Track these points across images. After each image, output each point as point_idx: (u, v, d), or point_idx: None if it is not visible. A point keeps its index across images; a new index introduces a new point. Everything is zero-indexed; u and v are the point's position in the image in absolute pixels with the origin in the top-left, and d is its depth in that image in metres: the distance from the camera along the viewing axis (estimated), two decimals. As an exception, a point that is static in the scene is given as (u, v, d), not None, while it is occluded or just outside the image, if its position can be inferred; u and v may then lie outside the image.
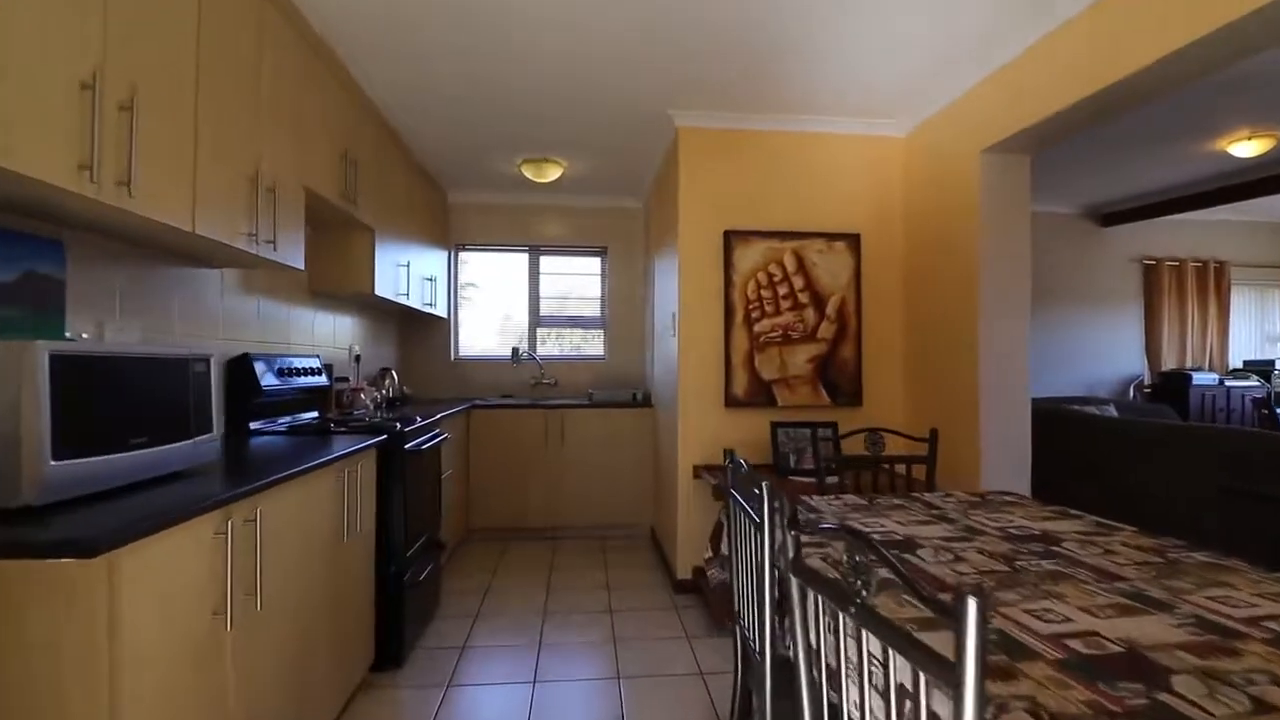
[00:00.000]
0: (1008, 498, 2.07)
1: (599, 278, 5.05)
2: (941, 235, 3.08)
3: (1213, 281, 6.11)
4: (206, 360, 1.65)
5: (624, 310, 4.99)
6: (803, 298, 3.36)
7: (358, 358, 3.76)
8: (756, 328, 3.33)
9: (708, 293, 3.34)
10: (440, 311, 4.48)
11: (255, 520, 1.50)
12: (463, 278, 4.95)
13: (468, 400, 4.51)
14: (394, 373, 4.06)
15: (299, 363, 2.82)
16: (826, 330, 3.37)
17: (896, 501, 2.02)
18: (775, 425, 3.17)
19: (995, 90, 2.71)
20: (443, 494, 3.31)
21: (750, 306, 3.33)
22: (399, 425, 2.58)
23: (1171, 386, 5.77)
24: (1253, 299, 6.40)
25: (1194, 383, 5.74)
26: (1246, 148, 4.21)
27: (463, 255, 4.94)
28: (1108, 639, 1.01)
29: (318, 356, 3.03)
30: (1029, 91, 2.51)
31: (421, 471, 2.80)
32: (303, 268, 2.31)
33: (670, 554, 3.54)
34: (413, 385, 4.72)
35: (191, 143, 1.66)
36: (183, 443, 1.53)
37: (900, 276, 3.46)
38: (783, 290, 3.35)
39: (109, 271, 1.83)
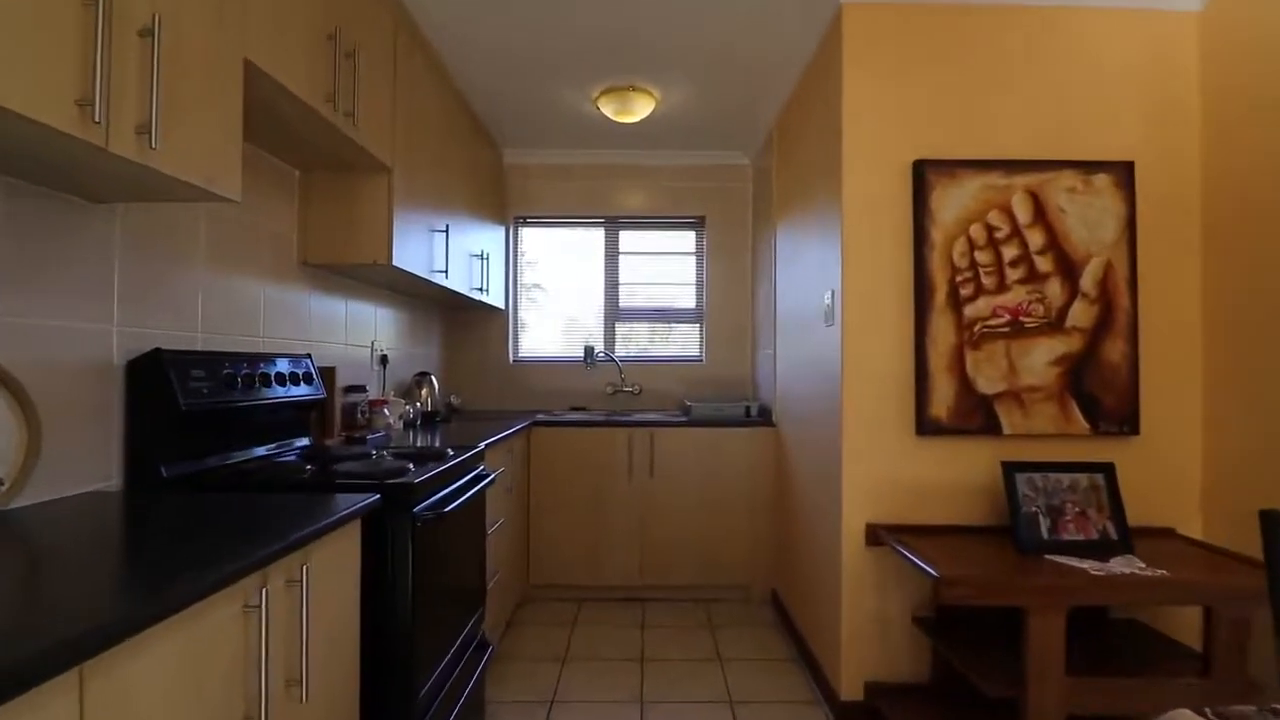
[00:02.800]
0: None
1: (694, 257, 3.93)
2: (1316, 149, 1.80)
3: None
4: None
5: (726, 298, 3.85)
6: (1042, 264, 2.13)
7: (383, 359, 2.78)
8: (968, 311, 2.13)
9: (888, 259, 2.16)
10: (495, 300, 3.48)
11: None
12: (525, 259, 3.94)
13: (529, 414, 3.49)
14: (434, 379, 3.07)
15: (278, 366, 1.84)
16: (1082, 314, 2.13)
17: None
18: (1010, 467, 1.97)
19: None
20: (488, 556, 2.27)
21: (958, 279, 2.13)
22: (410, 474, 1.55)
23: None
24: None
25: None
26: None
27: (523, 231, 3.92)
28: None
29: (308, 358, 2.04)
30: None
31: (449, 542, 1.76)
32: (232, 196, 1.30)
33: (822, 652, 2.37)
34: (462, 393, 3.74)
35: None
36: None
37: (1200, 229, 2.18)
38: (1010, 253, 2.13)
39: None
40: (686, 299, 3.92)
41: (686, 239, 3.93)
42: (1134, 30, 2.18)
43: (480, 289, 3.15)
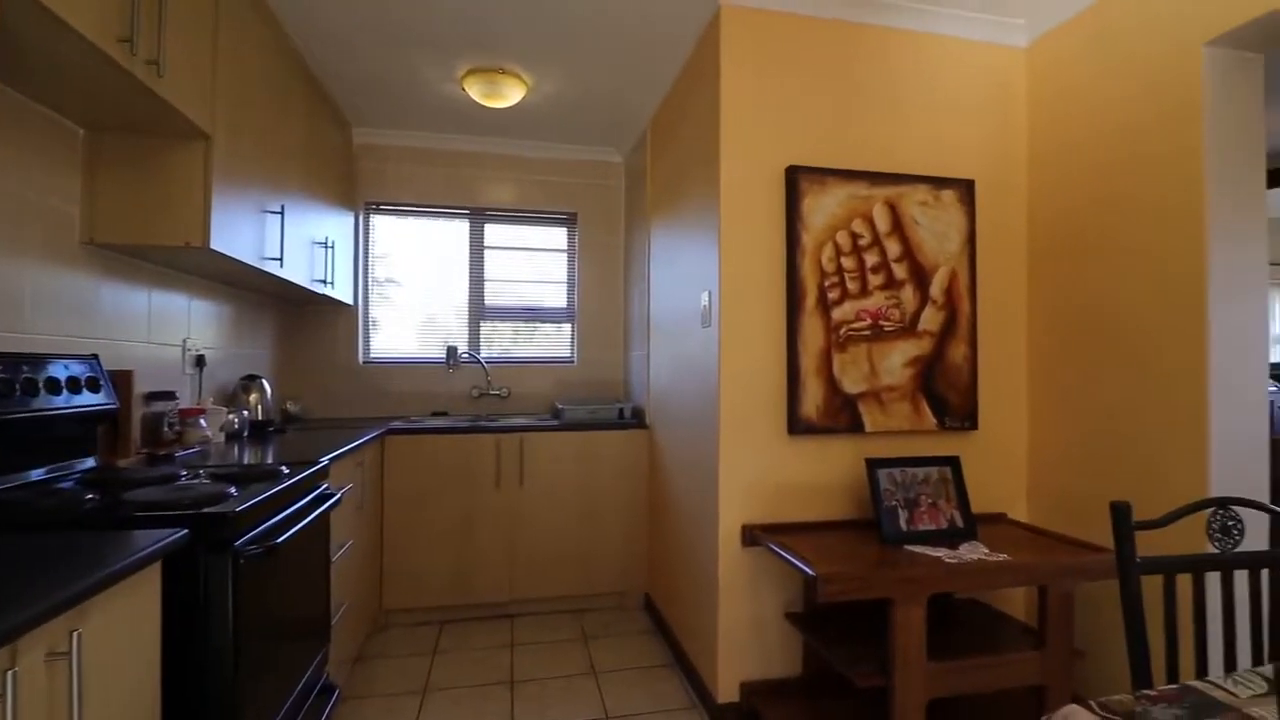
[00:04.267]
0: None
1: (566, 254, 3.80)
2: (1116, 176, 2.06)
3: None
4: None
5: (599, 297, 3.77)
6: (899, 271, 2.26)
7: (199, 360, 2.37)
8: (836, 314, 2.20)
9: (762, 262, 2.18)
10: (343, 294, 3.12)
11: None
12: (377, 250, 3.58)
13: (383, 421, 3.17)
14: (265, 383, 2.67)
15: (51, 369, 1.47)
16: (932, 319, 2.29)
17: None
18: (873, 464, 2.06)
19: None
20: (333, 587, 2.00)
21: (827, 283, 2.20)
22: (230, 501, 1.28)
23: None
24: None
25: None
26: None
27: (377, 219, 3.57)
28: None
29: (94, 359, 1.66)
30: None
31: (284, 577, 1.50)
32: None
33: (697, 656, 2.35)
34: (303, 399, 3.32)
35: None
36: None
37: (1025, 242, 2.43)
38: (872, 259, 2.24)
39: None
40: (557, 298, 3.78)
41: (557, 235, 3.79)
42: (977, 60, 2.39)
43: (324, 281, 2.80)
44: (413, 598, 2.90)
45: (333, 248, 2.91)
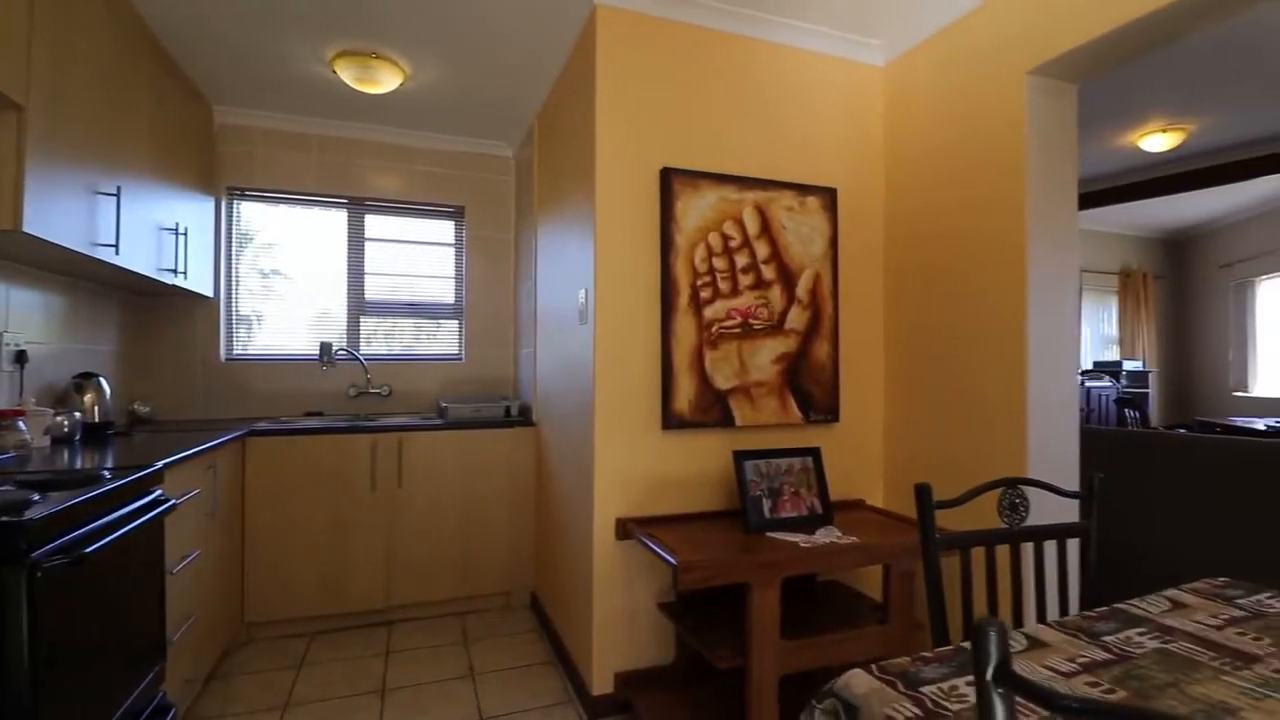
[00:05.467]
0: (1245, 598, 1.20)
1: (454, 248, 3.71)
2: (955, 191, 2.26)
3: (1072, 285, 6.24)
4: None
5: (488, 293, 3.70)
6: (768, 272, 2.38)
7: (19, 356, 2.12)
8: (708, 313, 2.29)
9: (637, 261, 2.23)
10: (200, 286, 2.88)
11: None
12: (244, 239, 3.34)
13: (247, 421, 2.96)
14: (104, 381, 2.44)
15: None
16: (798, 318, 2.42)
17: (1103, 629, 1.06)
18: (740, 456, 2.15)
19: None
20: (173, 599, 1.85)
21: (699, 283, 2.28)
22: (30, 509, 1.16)
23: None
24: (1093, 303, 6.69)
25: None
26: (1158, 141, 4.02)
27: (242, 206, 3.33)
28: None
29: None
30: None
31: (99, 590, 1.37)
32: None
33: (576, 650, 2.37)
34: (154, 400, 3.05)
35: None
36: None
37: (881, 247, 2.62)
38: (742, 261, 2.34)
39: None
40: (444, 294, 3.68)
41: (445, 229, 3.69)
42: (841, 76, 2.54)
43: (174, 271, 2.58)
44: (280, 609, 2.73)
45: (185, 235, 2.68)
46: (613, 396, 2.18)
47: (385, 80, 2.69)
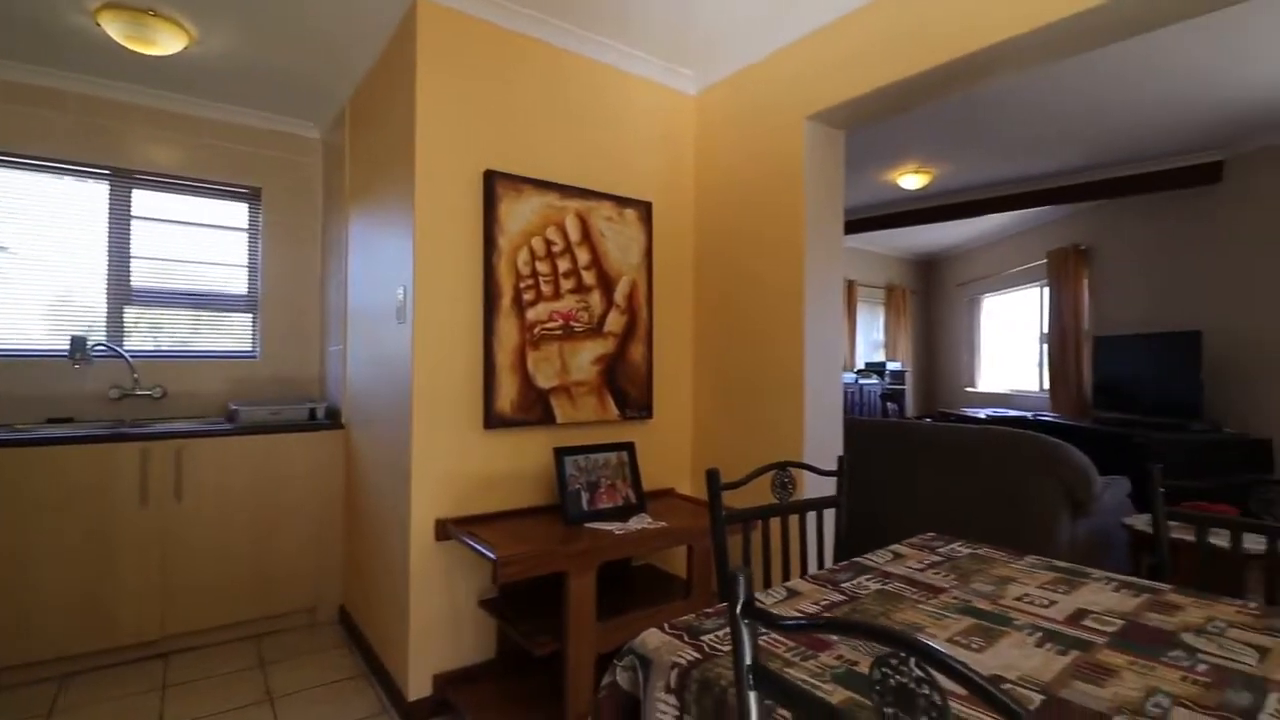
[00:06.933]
0: (943, 547, 1.55)
1: (247, 234, 3.35)
2: (751, 213, 2.57)
3: (845, 296, 7.30)
4: None
5: (291, 286, 3.40)
6: (588, 277, 2.50)
7: None
8: (531, 314, 2.35)
9: (460, 261, 2.23)
10: (-108, 263, 2.31)
11: None
12: (-42, 208, 2.72)
13: (-35, 432, 2.44)
14: None
15: None
16: (616, 322, 2.58)
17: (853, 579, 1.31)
18: (560, 453, 2.25)
19: (822, 51, 2.28)
20: None
21: (522, 285, 2.33)
22: None
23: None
24: (865, 313, 7.84)
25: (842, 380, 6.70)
26: (912, 180, 4.86)
27: (-42, 168, 2.71)
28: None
29: None
30: (865, 53, 2.12)
31: None
32: None
33: (391, 658, 2.30)
34: None
35: None
36: None
37: (692, 259, 2.87)
38: (564, 265, 2.44)
39: None
40: (237, 284, 3.32)
41: (236, 212, 3.32)
42: (659, 100, 2.75)
43: None
44: (20, 651, 2.29)
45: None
46: (432, 396, 2.16)
47: (165, 42, 2.38)
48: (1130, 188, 4.55)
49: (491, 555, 1.75)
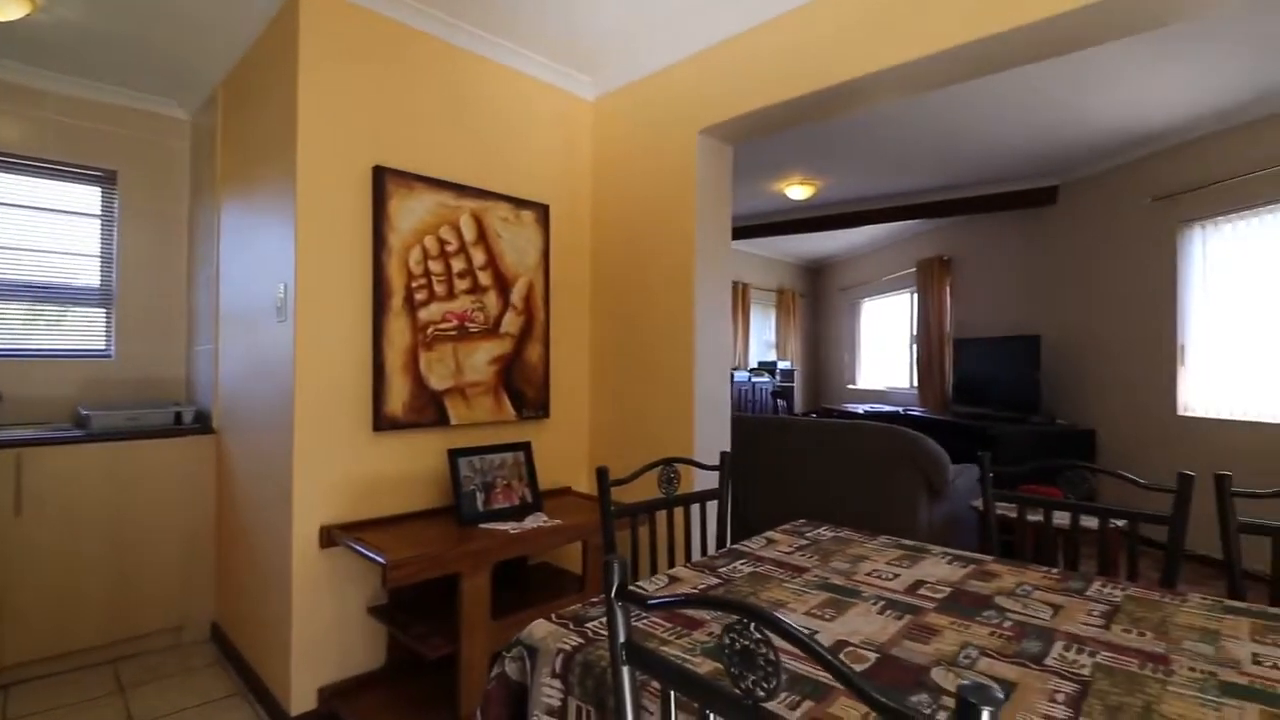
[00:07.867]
0: (811, 531, 1.70)
1: (100, 220, 3.05)
2: (645, 220, 2.66)
3: (740, 298, 7.65)
4: None
5: (152, 279, 3.13)
6: (484, 278, 2.49)
7: None
8: (423, 314, 2.31)
9: (346, 259, 2.16)
10: None
11: None
12: None
13: None
14: None
15: None
16: (512, 323, 2.58)
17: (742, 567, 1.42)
18: (454, 454, 2.23)
19: (713, 68, 2.41)
20: None
21: (414, 285, 2.29)
22: None
23: (728, 384, 6.96)
24: (758, 314, 8.24)
25: (735, 379, 7.04)
26: (798, 191, 5.18)
27: None
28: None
29: None
30: (751, 74, 2.27)
31: None
32: None
33: (271, 673, 2.19)
34: None
35: None
36: None
37: (589, 261, 2.93)
38: (459, 265, 2.42)
39: None
40: (88, 275, 3.01)
41: (87, 196, 3.01)
42: (556, 103, 2.78)
43: None
44: None
45: None
46: (316, 398, 2.08)
47: (4, 6, 2.13)
48: (981, 206, 5.10)
49: (381, 560, 1.72)
